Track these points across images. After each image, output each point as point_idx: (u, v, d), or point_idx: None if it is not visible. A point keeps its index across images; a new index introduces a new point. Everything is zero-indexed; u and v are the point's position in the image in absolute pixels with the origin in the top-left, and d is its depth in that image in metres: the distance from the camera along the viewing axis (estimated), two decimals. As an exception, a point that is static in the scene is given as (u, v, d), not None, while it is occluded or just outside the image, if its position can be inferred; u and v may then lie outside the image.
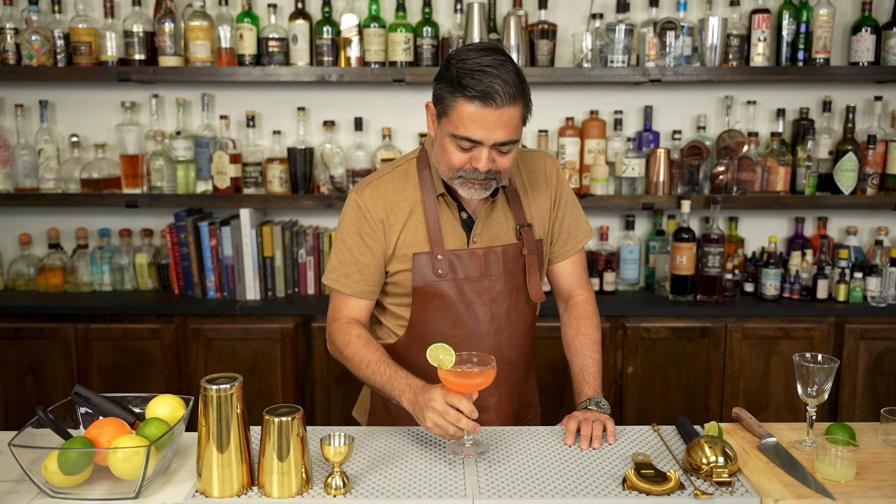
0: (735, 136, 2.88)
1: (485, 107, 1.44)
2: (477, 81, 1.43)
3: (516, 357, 1.70)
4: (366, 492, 1.32)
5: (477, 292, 1.63)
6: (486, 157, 1.49)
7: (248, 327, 2.75)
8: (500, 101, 1.44)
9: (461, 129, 1.47)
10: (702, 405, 2.79)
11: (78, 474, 1.30)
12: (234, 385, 1.29)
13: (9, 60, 2.80)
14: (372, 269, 1.64)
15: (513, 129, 1.49)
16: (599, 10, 2.90)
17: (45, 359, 2.76)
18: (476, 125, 1.46)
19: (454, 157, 1.51)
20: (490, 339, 1.65)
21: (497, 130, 1.46)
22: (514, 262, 1.66)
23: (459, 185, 1.55)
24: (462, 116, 1.46)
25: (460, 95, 1.45)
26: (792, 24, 2.83)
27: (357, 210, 1.64)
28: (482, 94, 1.43)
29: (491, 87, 1.43)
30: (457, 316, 1.63)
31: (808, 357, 1.49)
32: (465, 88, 1.44)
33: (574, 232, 1.77)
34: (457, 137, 1.49)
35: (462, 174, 1.53)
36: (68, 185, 2.94)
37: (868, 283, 2.84)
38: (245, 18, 2.81)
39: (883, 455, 1.46)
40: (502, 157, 1.52)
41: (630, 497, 1.30)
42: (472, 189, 1.55)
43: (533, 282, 1.67)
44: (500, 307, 1.65)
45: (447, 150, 1.52)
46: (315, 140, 3.02)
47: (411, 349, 1.67)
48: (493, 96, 1.43)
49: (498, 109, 1.44)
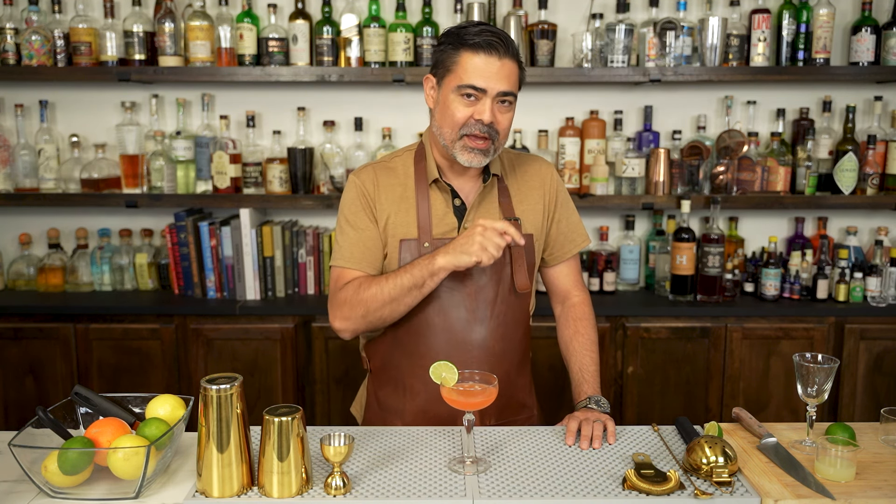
0: (735, 136, 2.88)
1: (489, 56, 1.54)
2: (480, 35, 1.55)
3: (502, 350, 1.69)
4: (366, 492, 1.32)
5: (462, 281, 1.64)
6: (490, 109, 1.56)
7: (248, 327, 2.75)
8: (503, 52, 1.55)
9: (466, 78, 1.55)
10: (702, 405, 2.79)
11: (78, 474, 1.30)
12: (234, 385, 1.29)
13: (9, 60, 2.80)
14: (375, 242, 1.66)
15: (513, 83, 1.58)
16: (599, 10, 2.90)
17: (45, 359, 2.76)
18: (480, 74, 1.55)
19: (458, 112, 1.58)
20: (473, 329, 1.65)
21: (500, 80, 1.55)
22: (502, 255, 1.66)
23: (461, 150, 1.60)
24: (467, 67, 1.55)
25: (465, 49, 1.56)
26: (792, 24, 2.83)
27: (356, 188, 1.69)
28: (486, 44, 1.54)
29: (493, 39, 1.55)
30: (440, 304, 1.64)
31: (808, 357, 1.49)
32: (469, 41, 1.55)
33: (571, 236, 1.80)
34: (462, 88, 1.56)
35: (465, 131, 1.58)
36: (68, 185, 2.94)
37: (868, 283, 2.84)
38: (245, 18, 2.81)
39: (883, 455, 1.46)
40: (502, 115, 1.59)
41: (630, 497, 1.30)
42: (472, 154, 1.59)
43: (519, 273, 1.67)
44: (485, 298, 1.66)
45: (451, 107, 1.59)
46: (315, 140, 3.02)
47: (399, 338, 1.69)
48: (497, 46, 1.55)
49: (500, 59, 1.55)
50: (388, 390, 1.74)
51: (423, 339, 1.66)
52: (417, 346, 1.67)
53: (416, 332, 1.66)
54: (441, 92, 1.62)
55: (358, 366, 2.76)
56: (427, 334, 1.66)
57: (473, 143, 1.58)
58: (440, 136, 1.63)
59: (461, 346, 1.65)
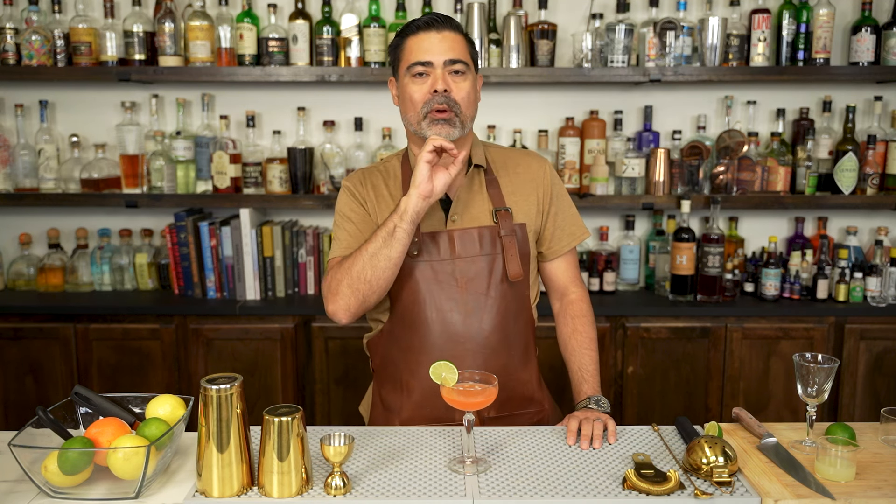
0: (735, 136, 2.88)
1: (428, 32, 1.63)
2: (419, 20, 1.66)
3: (498, 341, 1.68)
4: (366, 492, 1.32)
5: (451, 273, 1.65)
6: (441, 77, 1.62)
7: (248, 327, 2.75)
8: (441, 26, 1.64)
9: (412, 58, 1.63)
10: (702, 405, 2.79)
11: (78, 474, 1.30)
12: (234, 385, 1.29)
13: (9, 60, 2.80)
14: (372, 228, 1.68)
15: (459, 52, 1.64)
16: (599, 10, 2.90)
17: (45, 359, 2.76)
18: (422, 50, 1.63)
19: (415, 92, 1.64)
20: (467, 322, 1.65)
21: (443, 50, 1.62)
22: (492, 245, 1.68)
23: (427, 127, 1.64)
24: (411, 48, 1.64)
25: (407, 36, 1.66)
26: (792, 24, 2.83)
27: (347, 190, 1.76)
28: (425, 23, 1.64)
29: (431, 17, 1.65)
30: (432, 297, 1.65)
31: (808, 357, 1.49)
32: (408, 28, 1.66)
33: (568, 228, 1.79)
34: (411, 68, 1.63)
35: (426, 109, 1.63)
36: (68, 185, 2.94)
37: (868, 283, 2.84)
38: (245, 18, 2.81)
39: (883, 455, 1.46)
40: (457, 84, 1.63)
41: (630, 497, 1.30)
42: (438, 127, 1.62)
43: (511, 261, 1.67)
44: (477, 289, 1.66)
45: (407, 90, 1.65)
46: (315, 140, 3.02)
47: (395, 334, 1.70)
48: (433, 23, 1.64)
49: (440, 32, 1.63)
50: (388, 388, 1.74)
51: (417, 334, 1.66)
52: (412, 341, 1.67)
53: (410, 327, 1.67)
54: (399, 85, 1.69)
55: (358, 365, 2.77)
56: (421, 329, 1.66)
57: (436, 115, 1.62)
58: (409, 126, 1.68)
59: (456, 340, 1.65)
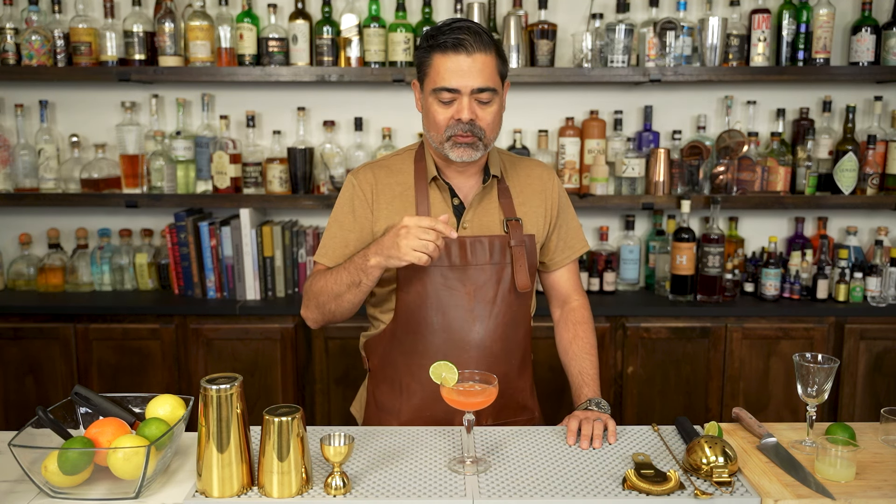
0: (735, 136, 2.88)
1: (457, 54, 1.54)
2: (447, 35, 1.55)
3: (500, 350, 1.69)
4: (366, 492, 1.32)
5: (461, 280, 1.65)
6: (468, 107, 1.56)
7: (248, 327, 2.75)
8: (471, 48, 1.54)
9: (439, 81, 1.56)
10: (702, 405, 2.79)
11: (78, 474, 1.29)
12: (234, 385, 1.29)
13: (9, 60, 2.80)
14: (354, 244, 1.68)
15: (488, 77, 1.56)
16: (599, 10, 2.90)
17: (45, 359, 2.76)
18: (451, 74, 1.55)
19: (439, 115, 1.59)
20: (472, 329, 1.65)
21: (472, 77, 1.55)
22: (502, 254, 1.67)
23: (450, 149, 1.60)
24: (438, 70, 1.56)
25: (434, 51, 1.57)
26: (792, 24, 2.83)
27: (351, 188, 1.71)
28: (454, 43, 1.54)
29: (462, 36, 1.54)
30: (439, 302, 1.64)
31: (808, 357, 1.49)
32: (438, 41, 1.56)
33: (571, 241, 1.82)
34: (437, 91, 1.57)
35: (449, 132, 1.59)
36: (68, 185, 2.94)
37: (868, 283, 2.84)
38: (245, 18, 2.81)
39: (883, 455, 1.46)
40: (483, 111, 1.58)
41: (630, 497, 1.30)
42: (461, 150, 1.60)
43: (520, 272, 1.67)
44: (485, 297, 1.66)
45: (431, 111, 1.60)
46: (315, 140, 3.02)
47: (398, 336, 1.69)
48: (464, 43, 1.54)
49: (470, 56, 1.54)
50: (385, 389, 1.74)
51: (420, 338, 1.66)
52: (415, 344, 1.67)
53: (413, 331, 1.67)
54: (423, 97, 1.64)
55: (358, 366, 2.76)
56: (425, 333, 1.66)
57: (459, 140, 1.59)
58: (430, 139, 1.65)
59: (459, 346, 1.65)
